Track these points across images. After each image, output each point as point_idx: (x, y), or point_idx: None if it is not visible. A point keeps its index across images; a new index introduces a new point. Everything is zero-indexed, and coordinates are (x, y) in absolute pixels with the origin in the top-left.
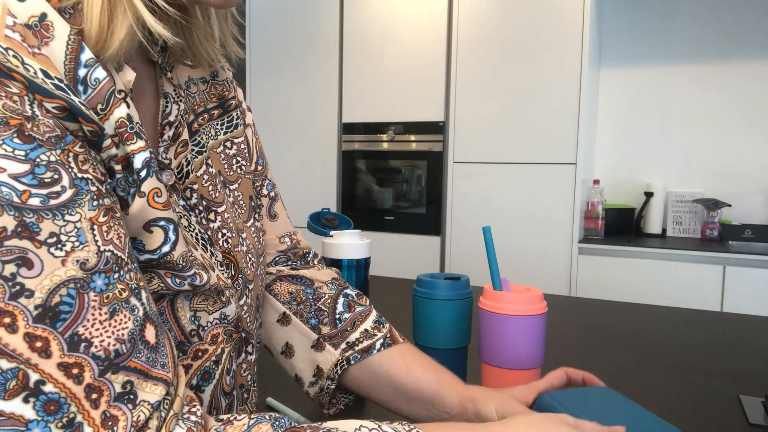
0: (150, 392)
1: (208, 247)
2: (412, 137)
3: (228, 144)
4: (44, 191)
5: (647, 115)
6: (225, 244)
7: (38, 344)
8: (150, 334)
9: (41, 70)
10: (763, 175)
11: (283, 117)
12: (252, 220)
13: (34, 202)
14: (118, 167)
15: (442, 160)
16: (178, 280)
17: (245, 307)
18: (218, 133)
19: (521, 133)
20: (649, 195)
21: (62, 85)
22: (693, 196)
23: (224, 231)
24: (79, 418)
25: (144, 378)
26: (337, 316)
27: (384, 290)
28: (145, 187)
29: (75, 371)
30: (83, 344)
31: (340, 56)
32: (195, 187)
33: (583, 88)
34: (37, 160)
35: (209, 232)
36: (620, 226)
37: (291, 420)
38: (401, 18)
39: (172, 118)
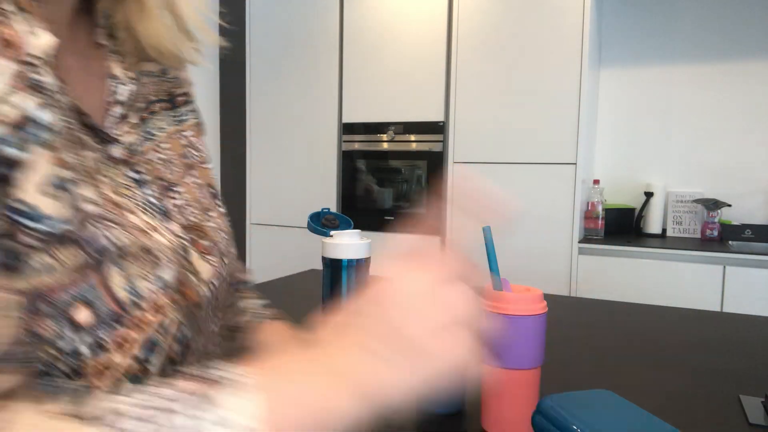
0: None
1: (156, 215)
2: (412, 137)
3: (178, 136)
4: None
5: (647, 115)
6: (193, 219)
7: None
8: None
9: None
10: (763, 175)
11: (283, 117)
12: (215, 207)
13: None
14: None
15: (442, 160)
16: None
17: (216, 281)
18: (167, 126)
19: (521, 133)
20: (649, 195)
21: None
22: (693, 196)
23: (190, 208)
24: None
25: None
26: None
27: None
28: None
29: None
30: None
31: (340, 56)
32: (148, 167)
33: (583, 88)
34: None
35: (170, 206)
36: (620, 226)
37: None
38: (401, 18)
39: (120, 98)
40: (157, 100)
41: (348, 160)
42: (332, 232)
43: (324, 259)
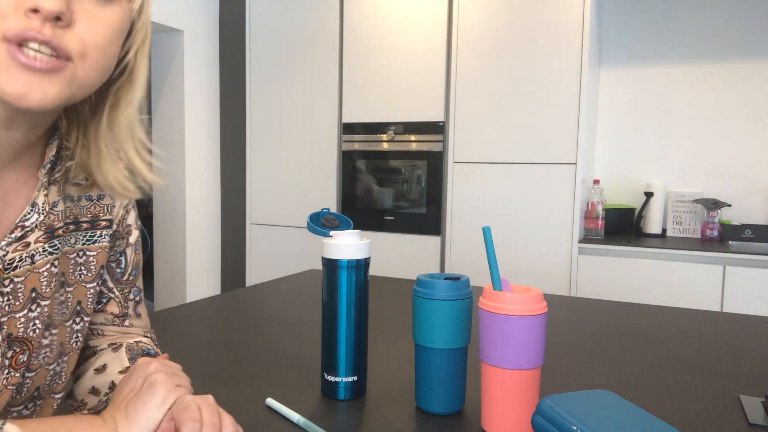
0: None
1: None
2: (412, 137)
3: (80, 254)
4: None
5: (647, 115)
6: (31, 333)
7: None
8: None
9: None
10: (763, 175)
11: (283, 117)
12: (71, 321)
13: None
14: None
15: (442, 160)
16: None
17: (8, 386)
18: (77, 242)
19: (521, 133)
20: (649, 195)
21: None
22: (693, 196)
23: (36, 321)
24: None
25: None
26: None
27: (384, 290)
28: None
29: None
30: None
31: (340, 56)
32: (21, 279)
33: (583, 88)
34: None
35: (6, 318)
36: (620, 226)
37: None
38: (401, 18)
39: (27, 224)
40: (78, 221)
41: (348, 160)
42: (332, 233)
43: (324, 259)
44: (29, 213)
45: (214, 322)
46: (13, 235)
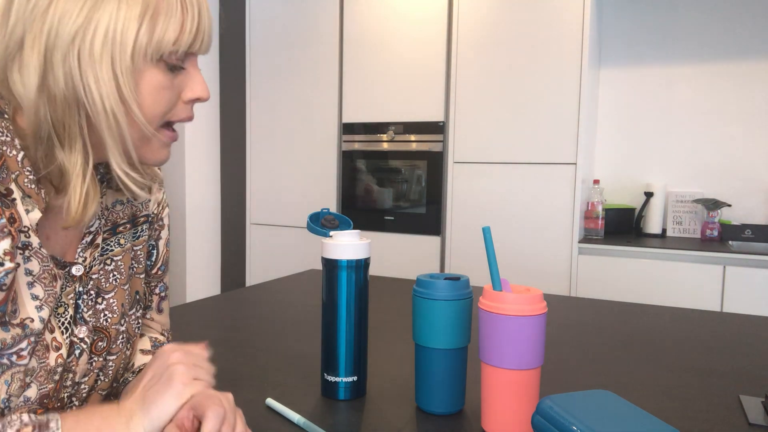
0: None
1: (70, 329)
2: (412, 137)
3: (130, 250)
4: None
5: (647, 115)
6: (105, 322)
7: None
8: None
9: None
10: (763, 175)
11: (283, 117)
12: (134, 310)
13: None
14: None
15: (442, 160)
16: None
17: (87, 374)
18: (127, 242)
19: (521, 133)
20: (649, 195)
21: None
22: (693, 196)
23: (107, 312)
24: None
25: None
26: None
27: (384, 290)
28: None
29: None
30: None
31: (340, 56)
32: (94, 277)
33: (583, 88)
34: None
35: (90, 312)
36: (620, 226)
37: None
38: (401, 18)
39: (92, 229)
40: (123, 223)
41: (348, 160)
42: (332, 233)
43: (323, 259)
44: (92, 221)
45: (214, 322)
46: (84, 241)
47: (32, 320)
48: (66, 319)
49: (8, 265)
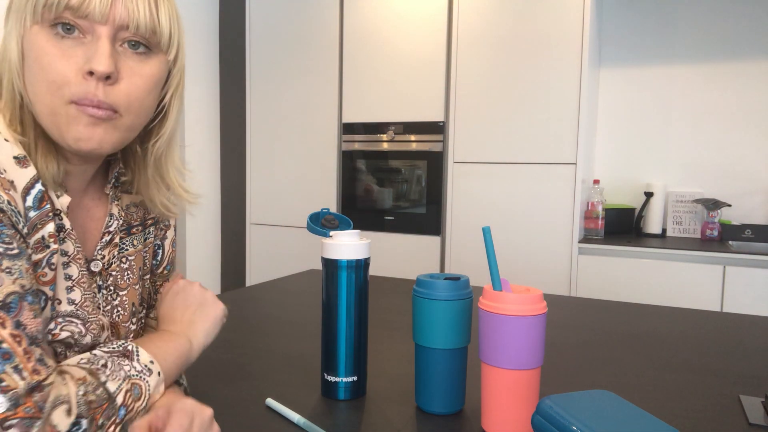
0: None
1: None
2: (412, 137)
3: (142, 252)
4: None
5: (647, 115)
6: (117, 318)
7: None
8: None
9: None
10: (763, 175)
11: (283, 117)
12: (143, 309)
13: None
14: (38, 256)
15: (442, 160)
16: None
17: None
18: (138, 244)
19: (521, 133)
20: (649, 195)
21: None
22: (693, 196)
23: (119, 309)
24: (20, 366)
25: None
26: None
27: (384, 290)
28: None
29: (18, 339)
30: (21, 327)
31: (340, 56)
32: (114, 273)
33: (583, 88)
34: (3, 232)
35: (108, 306)
36: (620, 226)
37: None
38: (401, 18)
39: (111, 229)
40: (136, 225)
41: (348, 160)
42: (332, 233)
43: (323, 259)
44: (110, 221)
45: None
46: (104, 240)
47: (59, 302)
48: (97, 302)
49: (54, 246)
